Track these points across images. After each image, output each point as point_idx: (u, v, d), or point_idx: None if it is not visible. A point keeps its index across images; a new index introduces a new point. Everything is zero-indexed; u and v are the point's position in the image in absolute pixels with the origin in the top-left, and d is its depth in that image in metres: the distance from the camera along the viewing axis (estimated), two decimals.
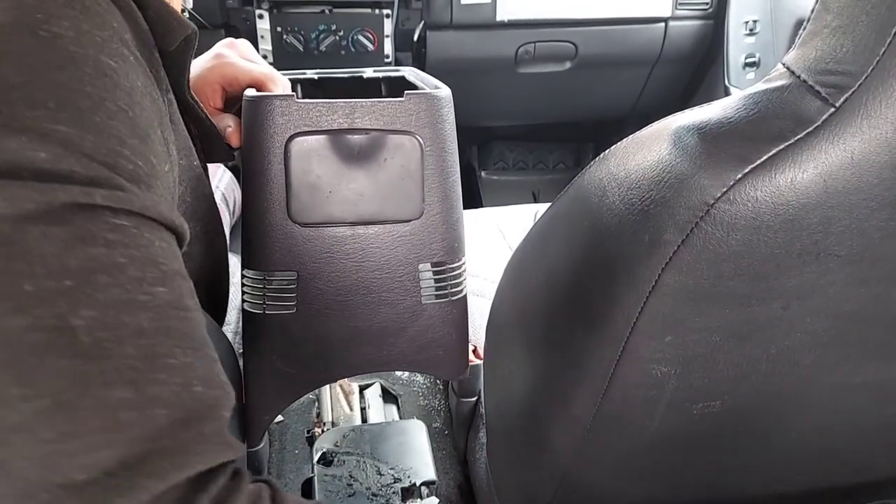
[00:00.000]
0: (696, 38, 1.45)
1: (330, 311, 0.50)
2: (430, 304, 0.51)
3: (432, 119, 0.47)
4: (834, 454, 0.51)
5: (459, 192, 0.51)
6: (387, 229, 0.49)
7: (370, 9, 1.28)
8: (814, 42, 0.32)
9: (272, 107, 0.46)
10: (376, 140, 0.47)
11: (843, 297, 0.37)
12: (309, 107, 0.46)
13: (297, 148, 0.46)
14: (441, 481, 0.88)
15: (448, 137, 0.49)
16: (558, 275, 0.43)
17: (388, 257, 0.49)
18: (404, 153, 0.47)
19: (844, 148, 0.31)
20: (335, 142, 0.46)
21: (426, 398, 1.06)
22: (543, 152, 1.92)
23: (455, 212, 0.51)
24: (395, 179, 0.48)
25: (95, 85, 0.27)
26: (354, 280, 0.49)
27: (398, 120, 0.47)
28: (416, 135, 0.47)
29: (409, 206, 0.48)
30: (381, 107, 0.46)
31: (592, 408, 0.42)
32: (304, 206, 0.47)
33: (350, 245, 0.49)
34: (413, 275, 0.50)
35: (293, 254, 0.48)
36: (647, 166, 0.35)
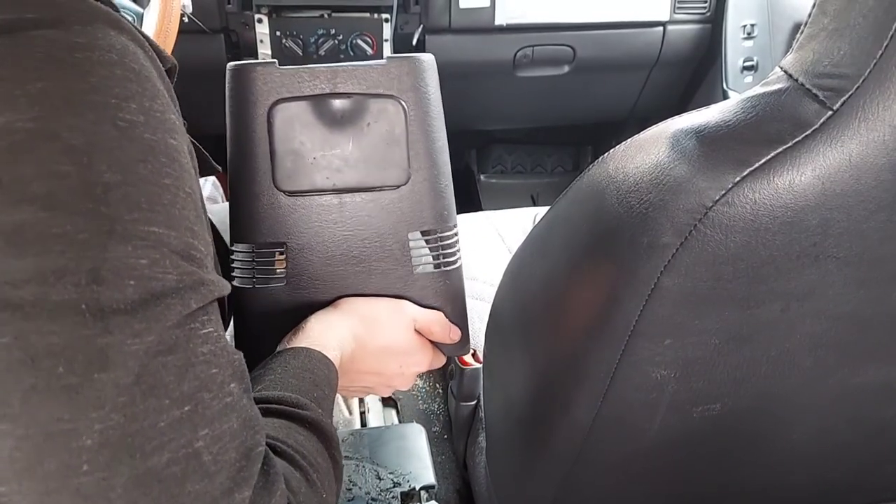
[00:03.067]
0: (694, 42, 1.45)
1: (320, 282, 0.50)
2: (423, 275, 0.51)
3: (415, 83, 0.47)
4: (834, 456, 0.51)
5: (447, 158, 0.51)
6: (374, 197, 0.48)
7: (369, 13, 1.28)
8: (811, 45, 0.32)
9: (254, 74, 0.46)
10: (359, 104, 0.47)
11: (843, 298, 0.37)
12: (291, 73, 0.46)
13: (281, 115, 0.46)
14: (440, 486, 0.88)
15: (432, 102, 0.49)
16: (557, 278, 0.43)
17: (376, 226, 0.49)
18: (388, 117, 0.47)
19: (842, 151, 0.31)
20: (318, 107, 0.46)
21: (425, 402, 1.06)
22: (542, 156, 1.93)
23: (443, 178, 0.50)
24: (379, 144, 0.47)
25: (170, 174, 0.27)
26: (344, 250, 0.49)
27: (381, 84, 0.47)
28: (399, 99, 0.47)
29: (395, 172, 0.48)
30: (364, 71, 0.46)
31: (592, 411, 0.42)
32: (288, 174, 0.47)
33: (337, 214, 0.48)
34: (403, 243, 0.50)
35: (280, 224, 0.48)
36: (646, 169, 0.36)
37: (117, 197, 0.24)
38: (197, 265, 0.28)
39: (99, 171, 0.24)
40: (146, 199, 0.26)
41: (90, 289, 0.23)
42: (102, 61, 0.25)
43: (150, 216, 0.26)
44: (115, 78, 0.26)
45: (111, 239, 0.24)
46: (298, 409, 0.37)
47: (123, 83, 0.26)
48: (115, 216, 0.24)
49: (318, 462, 0.35)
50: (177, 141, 0.28)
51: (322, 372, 0.42)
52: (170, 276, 0.26)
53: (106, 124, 0.25)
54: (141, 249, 0.25)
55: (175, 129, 0.29)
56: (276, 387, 0.38)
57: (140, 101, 0.26)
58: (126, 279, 0.24)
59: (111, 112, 0.25)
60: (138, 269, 0.25)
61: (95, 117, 0.25)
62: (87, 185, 0.24)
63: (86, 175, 0.24)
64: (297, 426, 0.36)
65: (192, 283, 0.27)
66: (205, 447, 0.26)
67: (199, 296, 0.27)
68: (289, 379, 0.40)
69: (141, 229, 0.25)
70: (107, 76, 0.25)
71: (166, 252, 0.26)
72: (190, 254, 0.27)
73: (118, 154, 0.25)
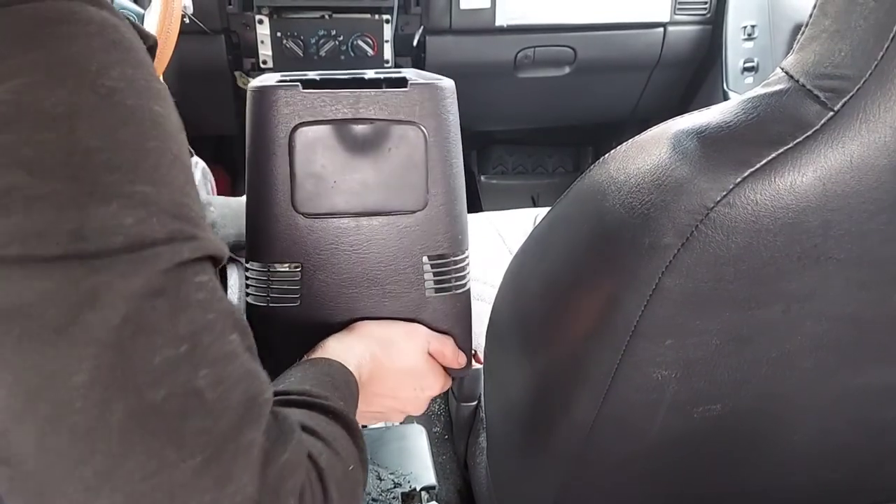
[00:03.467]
0: (694, 43, 1.45)
1: (334, 303, 0.50)
2: (434, 298, 0.51)
3: (436, 109, 0.48)
4: (835, 457, 0.50)
5: (463, 184, 0.52)
6: (391, 220, 0.49)
7: (370, 14, 1.28)
8: (812, 46, 0.32)
9: (276, 97, 0.46)
10: (380, 130, 0.47)
11: (843, 300, 0.37)
12: (313, 97, 0.46)
13: (302, 138, 0.46)
14: (441, 486, 0.88)
15: (452, 128, 0.49)
16: (558, 279, 0.43)
17: (392, 249, 0.49)
18: (408, 143, 0.48)
19: (843, 152, 0.31)
20: (339, 132, 0.47)
21: None
22: (543, 156, 1.93)
23: (459, 204, 0.51)
24: (399, 170, 0.48)
25: (155, 137, 0.27)
26: (359, 272, 0.49)
27: (402, 110, 0.47)
28: (420, 125, 0.47)
29: (414, 197, 0.49)
30: (386, 97, 0.47)
31: (593, 411, 0.42)
32: (308, 197, 0.47)
33: (354, 236, 0.49)
34: (417, 267, 0.50)
35: (297, 245, 0.48)
36: (647, 170, 0.36)
37: (99, 160, 0.25)
38: (190, 224, 0.28)
39: (79, 136, 0.25)
40: (128, 161, 0.26)
41: (73, 246, 0.24)
42: (81, 33, 0.26)
43: (134, 176, 0.26)
44: (94, 48, 0.26)
45: (92, 199, 0.25)
46: (321, 400, 0.37)
47: (103, 53, 0.26)
48: (95, 178, 0.25)
49: (342, 443, 0.35)
50: (162, 108, 0.29)
51: (341, 378, 0.42)
52: (158, 232, 0.26)
53: (85, 91, 0.25)
54: (126, 208, 0.25)
55: (160, 97, 0.29)
56: (297, 385, 0.39)
57: (122, 68, 0.27)
58: (111, 235, 0.25)
59: (90, 79, 0.26)
60: (124, 226, 0.25)
61: (75, 85, 0.25)
62: (68, 151, 0.25)
63: (66, 141, 0.25)
64: (319, 414, 0.36)
65: (185, 237, 0.27)
66: (206, 386, 0.26)
67: (191, 248, 0.27)
68: (308, 380, 0.40)
69: (125, 189, 0.25)
70: (85, 46, 0.26)
71: (154, 210, 0.26)
72: (181, 213, 0.27)
73: (98, 120, 0.25)
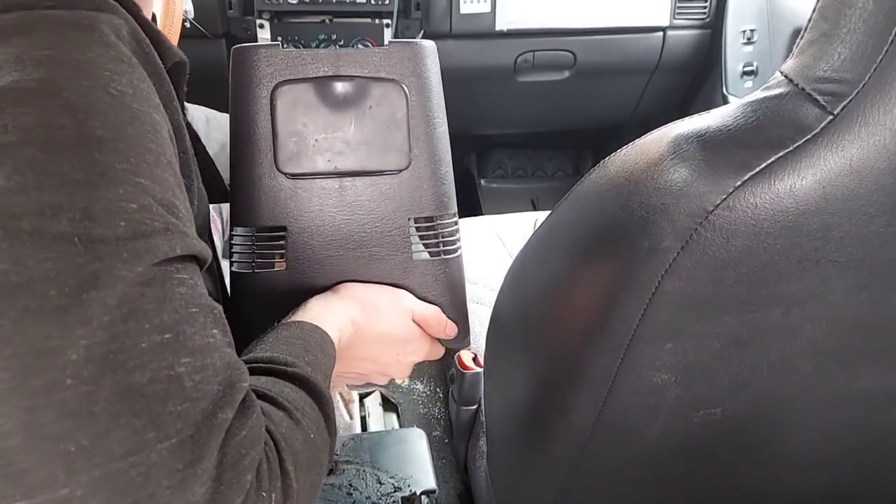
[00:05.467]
0: (694, 47, 1.46)
1: (320, 267, 0.50)
2: (422, 262, 0.51)
3: (417, 68, 0.48)
4: (836, 461, 0.50)
5: (447, 146, 0.51)
6: (374, 181, 0.49)
7: (370, 18, 1.28)
8: (811, 50, 0.32)
9: (258, 56, 0.46)
10: (361, 87, 0.47)
11: (843, 303, 0.37)
12: (294, 55, 0.47)
13: (283, 97, 0.46)
14: (441, 490, 0.88)
15: (433, 88, 0.49)
16: (558, 282, 0.43)
17: (377, 211, 0.49)
18: (390, 101, 0.48)
19: (843, 155, 0.31)
20: (320, 90, 0.47)
21: (426, 406, 1.06)
22: (542, 160, 1.93)
23: (443, 165, 0.51)
24: (380, 128, 0.48)
25: (153, 140, 0.30)
26: (344, 235, 0.49)
27: (383, 68, 0.47)
28: (401, 83, 0.48)
29: (396, 157, 0.48)
30: (366, 55, 0.47)
31: (593, 415, 0.42)
32: (290, 156, 0.47)
33: (338, 198, 0.49)
34: (403, 229, 0.50)
35: (281, 207, 0.48)
36: (647, 173, 0.36)
37: (108, 148, 0.27)
38: (181, 221, 0.30)
39: (92, 126, 0.27)
40: (133, 154, 0.28)
41: (83, 224, 0.25)
42: (101, 42, 0.29)
43: (138, 169, 0.28)
44: (110, 57, 0.29)
45: (103, 180, 0.26)
46: (286, 367, 0.38)
47: (116, 62, 0.29)
48: (107, 162, 0.27)
49: (305, 409, 0.36)
50: (159, 117, 0.31)
51: (314, 339, 0.43)
52: (156, 222, 0.28)
53: (100, 90, 0.28)
54: (130, 195, 0.27)
55: (158, 108, 0.31)
56: (265, 351, 0.40)
57: (129, 78, 0.30)
58: (116, 219, 0.26)
59: (105, 81, 0.28)
60: (128, 211, 0.27)
61: (91, 83, 0.28)
62: (82, 135, 0.26)
63: (81, 128, 0.26)
64: (283, 381, 0.37)
65: (178, 232, 0.29)
66: (186, 374, 0.27)
67: (183, 244, 0.29)
68: (279, 345, 0.41)
69: (130, 178, 0.27)
70: (102, 54, 0.29)
71: (152, 202, 0.28)
72: (173, 210, 0.29)
73: (110, 115, 0.28)
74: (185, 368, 0.27)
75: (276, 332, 0.43)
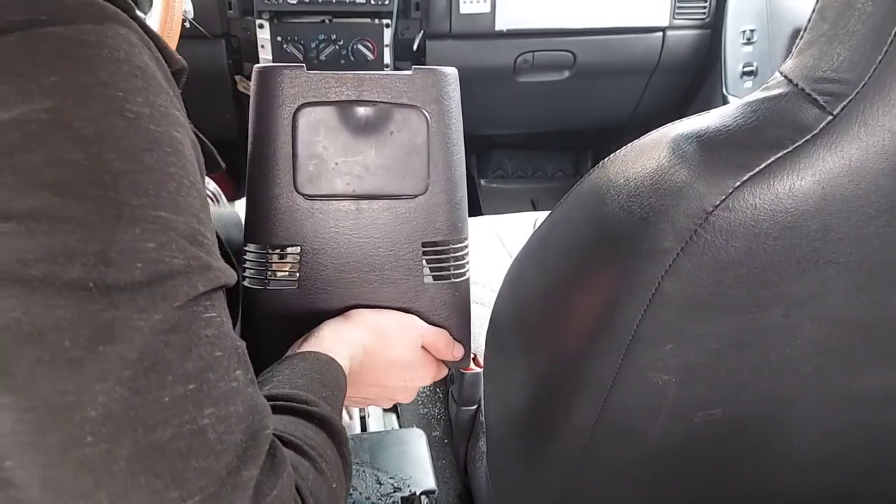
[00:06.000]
0: (693, 48, 1.46)
1: (332, 288, 0.50)
2: (433, 285, 0.51)
3: (439, 95, 0.48)
4: (836, 461, 0.50)
5: (464, 171, 0.52)
6: (391, 205, 0.49)
7: (370, 18, 1.28)
8: (811, 51, 0.32)
9: (281, 77, 0.46)
10: (383, 113, 0.47)
11: (843, 304, 0.37)
12: (318, 78, 0.46)
13: (305, 118, 0.46)
14: (441, 490, 0.88)
15: (454, 115, 0.50)
16: (558, 283, 0.43)
17: (391, 234, 0.49)
18: (411, 127, 0.48)
19: (842, 155, 0.31)
20: (342, 113, 0.47)
21: (426, 407, 1.06)
22: (542, 160, 1.93)
23: (459, 191, 0.51)
24: (400, 153, 0.48)
25: (174, 164, 0.28)
26: (358, 257, 0.49)
27: (405, 94, 0.47)
28: (423, 109, 0.48)
29: (414, 182, 0.49)
30: (389, 80, 0.47)
31: (593, 416, 0.42)
32: (309, 178, 0.47)
33: (354, 220, 0.49)
34: (416, 253, 0.50)
35: (297, 227, 0.48)
36: (646, 174, 0.36)
37: (125, 183, 0.25)
38: (204, 251, 0.28)
39: (108, 159, 0.25)
40: (153, 185, 0.26)
41: (98, 269, 0.24)
42: (111, 58, 0.27)
43: (157, 201, 0.26)
44: (122, 74, 0.27)
45: (119, 222, 0.25)
46: (307, 406, 0.37)
47: (130, 79, 0.27)
48: (124, 201, 0.25)
49: (328, 454, 0.36)
50: (180, 134, 0.29)
51: (331, 374, 0.43)
52: (177, 259, 0.27)
53: (114, 115, 0.26)
54: (148, 233, 0.26)
55: (178, 124, 0.29)
56: (285, 386, 0.39)
57: (145, 95, 0.27)
58: (133, 261, 0.25)
59: (118, 104, 0.26)
60: (145, 251, 0.25)
61: (104, 108, 0.25)
62: (96, 172, 0.25)
63: (95, 163, 0.25)
64: (305, 422, 0.37)
65: (199, 266, 0.28)
66: (210, 426, 0.26)
67: (205, 280, 0.28)
68: (297, 379, 0.40)
69: (149, 213, 0.26)
70: (114, 72, 0.26)
71: (173, 236, 0.27)
72: (197, 239, 0.28)
73: (125, 143, 0.26)
74: (209, 420, 0.26)
75: (291, 364, 0.42)
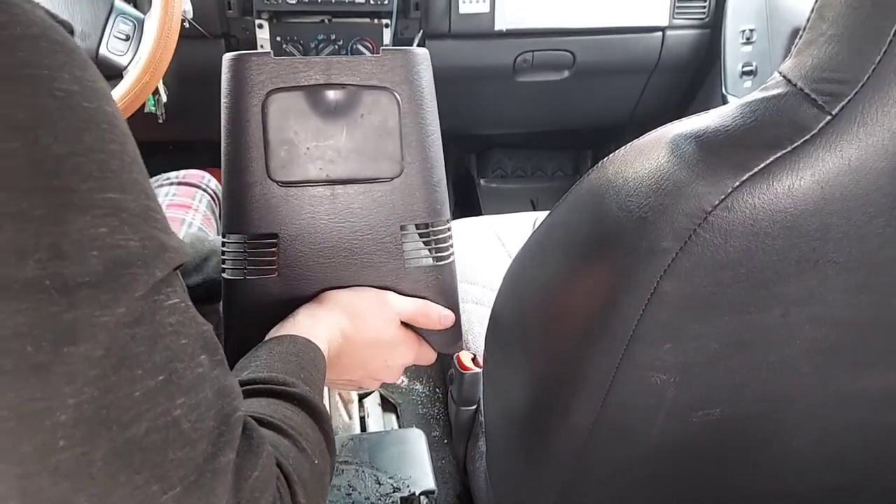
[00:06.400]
0: (693, 47, 1.46)
1: (312, 274, 0.50)
2: (415, 269, 0.51)
3: (409, 75, 0.48)
4: (835, 461, 0.50)
5: (440, 152, 0.51)
6: (366, 188, 0.48)
7: (369, 18, 1.28)
8: (810, 50, 0.32)
9: (249, 63, 0.46)
10: (353, 96, 0.47)
11: (842, 303, 0.37)
12: (285, 63, 0.46)
13: (275, 105, 0.46)
14: (440, 491, 0.88)
15: (426, 95, 0.49)
16: (557, 282, 0.43)
17: (368, 218, 0.49)
18: (381, 109, 0.47)
19: (841, 155, 0.31)
20: (312, 98, 0.47)
21: (425, 407, 1.06)
22: (542, 160, 1.93)
23: (436, 171, 0.50)
24: (372, 136, 0.48)
25: (114, 140, 0.26)
26: (336, 242, 0.49)
27: (375, 76, 0.47)
28: (393, 91, 0.47)
29: (388, 164, 0.48)
30: (358, 63, 0.47)
31: (592, 416, 0.42)
32: (282, 164, 0.47)
33: (329, 205, 0.48)
34: (395, 237, 0.50)
35: (273, 214, 0.48)
36: (645, 174, 0.36)
37: (68, 168, 0.24)
38: (159, 227, 0.27)
39: (46, 144, 0.23)
40: (96, 166, 0.25)
41: (53, 264, 0.23)
42: (26, 35, 0.24)
43: (104, 183, 0.25)
44: (42, 50, 0.25)
45: (68, 212, 0.23)
46: (285, 387, 0.37)
47: (51, 55, 0.25)
48: (69, 187, 0.24)
49: (307, 432, 0.36)
50: (112, 108, 0.27)
51: (308, 355, 0.42)
52: (132, 242, 0.25)
53: (44, 96, 0.24)
54: (99, 218, 0.24)
55: (109, 98, 0.28)
56: (262, 370, 0.39)
57: (71, 70, 0.25)
58: (88, 250, 0.24)
59: (47, 84, 0.24)
60: (99, 238, 0.24)
61: (33, 90, 0.24)
62: (36, 161, 0.23)
63: (34, 150, 0.23)
64: (284, 402, 0.37)
65: (155, 248, 0.26)
66: (183, 415, 0.26)
67: (163, 264, 0.27)
68: (274, 363, 0.40)
69: (96, 197, 0.24)
70: (34, 49, 0.24)
71: (125, 217, 0.25)
72: (149, 215, 0.27)
73: (62, 125, 0.24)
74: (181, 410, 0.26)
75: (268, 348, 0.42)
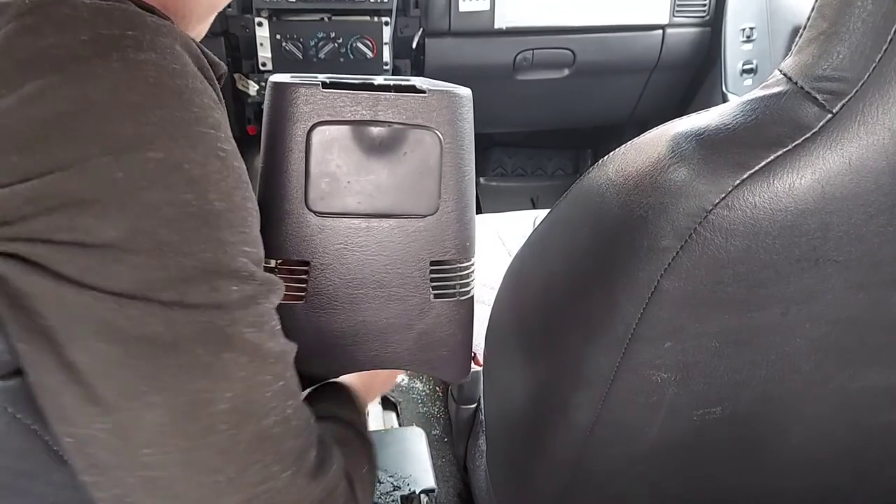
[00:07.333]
0: (693, 46, 1.46)
1: (339, 303, 0.50)
2: (439, 303, 0.52)
3: (453, 116, 0.49)
4: (835, 460, 0.50)
5: (474, 191, 0.52)
6: (401, 224, 0.49)
7: (369, 16, 1.28)
8: (810, 49, 0.32)
9: (297, 94, 0.46)
10: (397, 134, 0.48)
11: (842, 302, 0.37)
12: (333, 96, 0.47)
13: (319, 137, 0.47)
14: (441, 489, 0.88)
15: (467, 136, 0.50)
16: (557, 281, 0.43)
17: (400, 252, 0.50)
18: (424, 148, 0.48)
19: (842, 154, 0.31)
20: (357, 133, 0.47)
21: (425, 405, 1.06)
22: (542, 159, 1.93)
23: (469, 211, 0.51)
24: (413, 174, 0.48)
25: (249, 198, 0.32)
26: (366, 273, 0.50)
27: (420, 115, 0.48)
28: (436, 131, 0.48)
29: (426, 202, 0.49)
30: (404, 101, 0.47)
31: (593, 414, 0.42)
32: (321, 195, 0.48)
33: (363, 237, 0.49)
34: (423, 271, 0.50)
35: (307, 243, 0.49)
36: (646, 172, 0.36)
37: (224, 222, 0.30)
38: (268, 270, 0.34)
39: (211, 199, 0.29)
40: (241, 223, 0.31)
41: (212, 296, 0.29)
42: (196, 89, 0.30)
43: (243, 237, 0.31)
44: (206, 107, 0.30)
45: (224, 256, 0.30)
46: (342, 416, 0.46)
47: (211, 111, 0.30)
48: (223, 239, 0.30)
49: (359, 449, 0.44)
50: (241, 164, 0.33)
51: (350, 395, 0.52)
52: (259, 283, 0.32)
53: (212, 156, 0.29)
54: (242, 265, 0.31)
55: (236, 153, 0.33)
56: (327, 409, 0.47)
57: (225, 129, 0.31)
58: (233, 286, 0.30)
59: (213, 144, 0.30)
60: (240, 279, 0.31)
61: (205, 150, 0.29)
62: (204, 212, 0.29)
63: (202, 203, 0.29)
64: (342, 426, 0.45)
65: (271, 287, 0.33)
66: (293, 414, 0.33)
67: (275, 296, 0.34)
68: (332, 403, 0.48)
69: (240, 249, 0.31)
70: (202, 105, 0.30)
71: (252, 266, 0.32)
72: (262, 258, 0.34)
73: (223, 184, 0.30)
74: (292, 410, 0.33)
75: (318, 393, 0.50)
